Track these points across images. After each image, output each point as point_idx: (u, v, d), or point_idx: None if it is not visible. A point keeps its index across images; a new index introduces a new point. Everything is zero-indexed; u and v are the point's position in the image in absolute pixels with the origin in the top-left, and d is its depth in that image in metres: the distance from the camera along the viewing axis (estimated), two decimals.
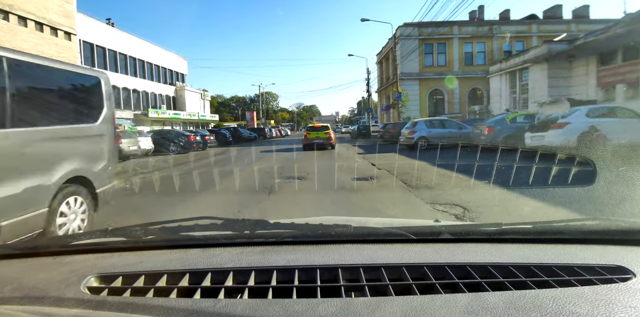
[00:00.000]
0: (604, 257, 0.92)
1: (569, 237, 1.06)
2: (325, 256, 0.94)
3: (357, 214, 4.56)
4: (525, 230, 1.10)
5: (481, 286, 0.78)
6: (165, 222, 1.15)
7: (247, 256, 0.97)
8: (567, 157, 6.69)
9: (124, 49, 31.55)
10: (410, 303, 0.70)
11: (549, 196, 4.76)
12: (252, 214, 4.55)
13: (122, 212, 4.87)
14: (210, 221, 1.11)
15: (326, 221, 1.15)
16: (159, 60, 37.93)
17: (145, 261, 0.95)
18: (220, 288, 0.79)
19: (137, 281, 0.83)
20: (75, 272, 0.88)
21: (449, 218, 4.13)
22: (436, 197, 5.25)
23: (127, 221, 4.28)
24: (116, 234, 1.11)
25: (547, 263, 0.87)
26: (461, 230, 1.09)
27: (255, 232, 1.07)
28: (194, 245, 1.06)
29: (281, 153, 16.13)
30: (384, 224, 1.24)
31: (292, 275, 0.84)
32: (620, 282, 0.78)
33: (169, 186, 7.13)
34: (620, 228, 1.09)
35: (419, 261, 0.89)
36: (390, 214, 4.54)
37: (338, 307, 0.68)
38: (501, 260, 0.90)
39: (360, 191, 6.23)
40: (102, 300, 0.75)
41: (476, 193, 5.52)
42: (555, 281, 0.79)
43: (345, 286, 0.79)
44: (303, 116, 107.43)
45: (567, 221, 1.14)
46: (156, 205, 5.39)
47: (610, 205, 4.08)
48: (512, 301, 0.70)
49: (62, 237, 1.15)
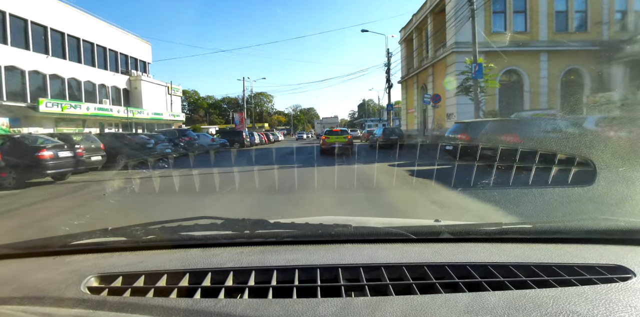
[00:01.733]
0: (604, 256, 0.92)
1: (568, 236, 1.05)
2: (325, 256, 0.95)
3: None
4: (525, 230, 1.09)
5: (481, 286, 0.78)
6: (165, 222, 1.14)
7: (247, 255, 0.97)
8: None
9: (59, 24, 23.04)
10: (411, 303, 0.70)
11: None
12: None
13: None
14: (210, 221, 1.10)
15: (326, 220, 1.15)
16: (110, 42, 28.42)
17: (145, 261, 0.96)
18: (221, 288, 0.79)
19: (137, 281, 0.83)
20: (75, 272, 0.88)
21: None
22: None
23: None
24: (116, 234, 1.10)
25: (547, 263, 0.87)
26: (461, 230, 1.09)
27: (255, 232, 1.07)
28: (194, 245, 1.06)
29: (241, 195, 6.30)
30: (384, 223, 1.24)
31: (292, 275, 0.84)
32: (620, 281, 0.78)
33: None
34: (620, 228, 1.09)
35: (419, 261, 0.90)
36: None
37: (338, 307, 0.69)
38: (501, 260, 0.90)
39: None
40: (102, 300, 0.75)
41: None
42: (555, 280, 0.79)
43: (345, 285, 0.79)
44: (300, 119, 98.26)
45: (566, 221, 1.16)
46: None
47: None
48: (512, 301, 0.70)
49: (62, 237, 1.06)
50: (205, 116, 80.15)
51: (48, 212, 5.58)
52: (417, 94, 26.09)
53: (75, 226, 4.19)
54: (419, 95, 25.84)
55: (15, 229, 4.36)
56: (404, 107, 30.87)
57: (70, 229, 4.13)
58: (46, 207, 6.01)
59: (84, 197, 6.99)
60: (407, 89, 29.56)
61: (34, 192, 7.55)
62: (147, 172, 10.40)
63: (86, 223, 4.36)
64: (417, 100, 26.07)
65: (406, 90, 29.90)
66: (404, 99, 31.13)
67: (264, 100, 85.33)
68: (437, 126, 21.65)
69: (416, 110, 26.63)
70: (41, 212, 5.59)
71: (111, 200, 6.14)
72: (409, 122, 29.20)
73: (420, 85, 25.79)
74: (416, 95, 26.48)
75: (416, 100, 26.39)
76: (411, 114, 28.61)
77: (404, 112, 31.23)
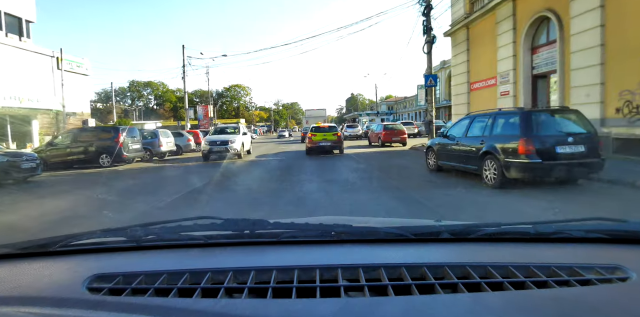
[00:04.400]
0: (603, 257, 0.92)
1: (568, 237, 1.04)
2: (325, 256, 0.95)
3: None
4: (525, 230, 1.08)
5: (481, 286, 0.78)
6: (165, 222, 1.14)
7: (246, 255, 0.98)
8: None
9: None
10: (410, 303, 0.70)
11: None
12: None
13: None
14: (210, 221, 1.09)
15: (326, 220, 1.15)
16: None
17: (145, 261, 0.97)
18: (220, 288, 0.79)
19: (137, 281, 0.83)
20: (75, 272, 0.88)
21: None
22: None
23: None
24: (116, 234, 1.10)
25: (546, 263, 0.87)
26: (461, 230, 1.08)
27: (255, 232, 1.06)
28: (193, 245, 1.05)
29: None
30: (384, 223, 1.24)
31: (292, 275, 0.84)
32: (619, 282, 0.78)
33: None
34: (620, 228, 1.09)
35: (419, 261, 0.89)
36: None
37: (338, 307, 0.68)
38: (501, 260, 0.90)
39: None
40: (102, 300, 0.74)
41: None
42: (555, 281, 0.79)
43: (345, 286, 0.79)
44: (283, 114, 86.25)
45: (566, 221, 1.15)
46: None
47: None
48: (512, 301, 0.70)
49: (62, 237, 1.06)
50: (172, 111, 66.63)
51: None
52: (522, 43, 12.39)
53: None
54: (524, 44, 12.14)
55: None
56: (462, 81, 17.21)
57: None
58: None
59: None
60: (474, 39, 15.82)
61: None
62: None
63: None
64: (521, 59, 12.41)
65: (469, 43, 16.15)
66: (459, 66, 17.43)
67: (241, 93, 72.00)
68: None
69: (514, 82, 12.96)
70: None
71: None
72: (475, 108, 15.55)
73: (524, 20, 12.07)
74: (512, 49, 12.79)
75: (514, 60, 12.75)
76: (488, 91, 14.98)
77: (462, 90, 17.60)
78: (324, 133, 14.47)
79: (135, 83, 70.24)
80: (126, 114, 57.36)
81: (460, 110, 16.75)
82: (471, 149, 7.07)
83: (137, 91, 72.04)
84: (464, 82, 16.56)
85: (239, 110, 71.94)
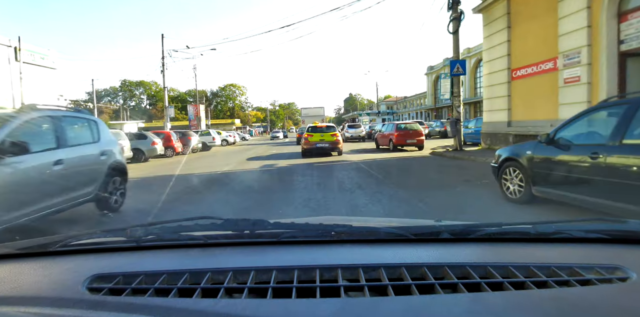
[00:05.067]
0: (603, 257, 0.91)
1: (568, 237, 1.04)
2: (325, 256, 0.95)
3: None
4: (525, 230, 1.07)
5: (481, 286, 0.77)
6: (165, 222, 1.14)
7: (247, 255, 0.98)
8: None
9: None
10: (410, 303, 0.70)
11: None
12: None
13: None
14: (210, 221, 1.09)
15: (326, 220, 1.14)
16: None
17: (145, 261, 0.96)
18: (220, 288, 0.78)
19: (137, 281, 0.83)
20: (75, 272, 0.88)
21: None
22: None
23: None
24: (116, 234, 1.10)
25: (546, 263, 0.87)
26: (461, 230, 1.07)
27: (255, 232, 1.06)
28: (193, 245, 1.05)
29: None
30: (384, 223, 1.24)
31: (292, 275, 0.83)
32: (619, 282, 0.78)
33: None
34: (620, 228, 1.08)
35: (419, 261, 0.89)
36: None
37: (338, 307, 0.68)
38: (501, 260, 0.90)
39: None
40: (102, 300, 0.74)
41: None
42: (555, 281, 0.79)
43: (345, 286, 0.79)
44: (279, 115, 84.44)
45: (566, 221, 1.15)
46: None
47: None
48: (512, 301, 0.70)
49: (62, 237, 1.07)
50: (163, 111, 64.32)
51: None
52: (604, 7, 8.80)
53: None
54: (608, 8, 8.60)
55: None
56: (499, 68, 13.64)
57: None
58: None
59: None
60: (519, 13, 12.23)
61: None
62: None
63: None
64: (602, 30, 8.86)
65: (509, 18, 12.57)
66: (495, 49, 13.87)
67: (236, 92, 68.90)
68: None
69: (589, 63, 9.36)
70: None
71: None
72: (536, 107, 11.52)
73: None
74: (586, 17, 9.21)
75: (587, 32, 9.16)
76: (542, 78, 11.44)
77: (499, 79, 14.00)
78: (321, 133, 13.46)
79: (127, 82, 67.48)
80: (117, 114, 54.61)
81: (497, 105, 13.11)
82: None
83: (129, 90, 69.33)
84: (502, 69, 12.78)
85: (234, 111, 68.88)
